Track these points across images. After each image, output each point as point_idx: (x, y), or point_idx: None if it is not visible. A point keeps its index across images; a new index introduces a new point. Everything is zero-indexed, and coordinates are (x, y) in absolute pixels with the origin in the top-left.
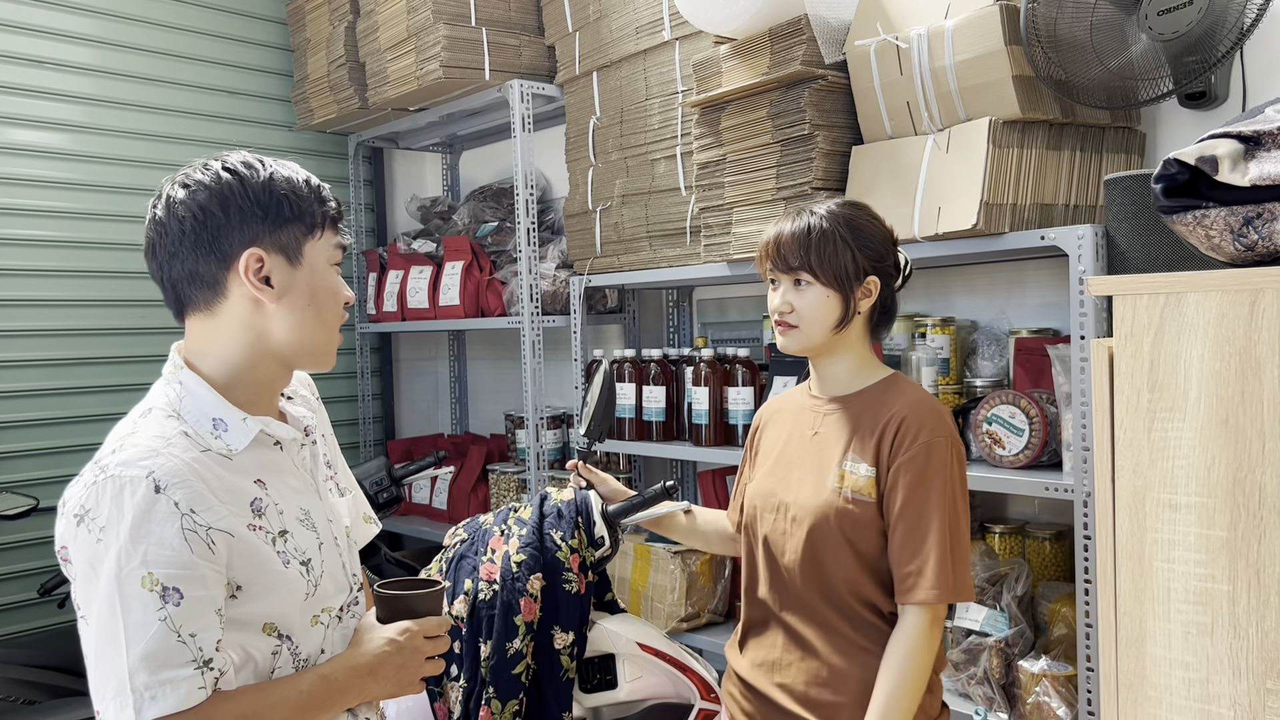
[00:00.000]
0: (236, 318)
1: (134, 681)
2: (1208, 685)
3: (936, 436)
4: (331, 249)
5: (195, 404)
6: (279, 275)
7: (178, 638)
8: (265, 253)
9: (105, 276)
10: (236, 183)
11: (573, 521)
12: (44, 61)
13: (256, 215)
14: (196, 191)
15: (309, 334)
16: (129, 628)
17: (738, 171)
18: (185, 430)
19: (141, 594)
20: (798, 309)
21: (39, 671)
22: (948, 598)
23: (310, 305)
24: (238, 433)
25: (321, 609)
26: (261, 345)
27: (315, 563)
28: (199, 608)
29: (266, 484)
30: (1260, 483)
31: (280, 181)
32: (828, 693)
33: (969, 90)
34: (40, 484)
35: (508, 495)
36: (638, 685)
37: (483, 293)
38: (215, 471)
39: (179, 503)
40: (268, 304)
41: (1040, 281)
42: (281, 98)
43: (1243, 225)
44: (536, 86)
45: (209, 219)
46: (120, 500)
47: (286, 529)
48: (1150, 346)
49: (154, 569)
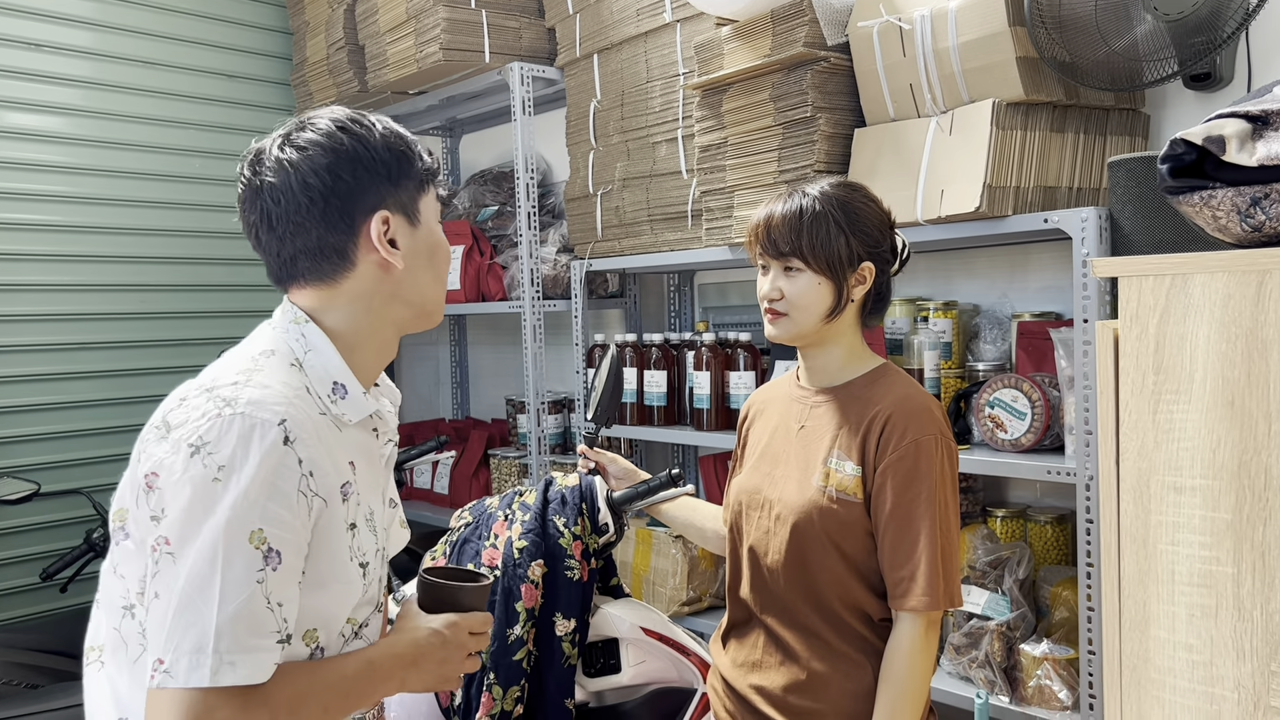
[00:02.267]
0: (362, 288)
1: (219, 643)
2: (1212, 668)
3: (924, 434)
4: (436, 203)
5: (320, 361)
6: (403, 236)
7: (267, 604)
8: (390, 214)
9: (106, 261)
10: (357, 142)
11: (576, 508)
12: (43, 45)
13: (380, 175)
14: (314, 154)
15: (431, 293)
16: (225, 583)
17: (739, 154)
18: (307, 385)
19: (247, 550)
20: (788, 296)
21: (42, 656)
22: (939, 604)
23: (431, 263)
24: (356, 403)
25: (346, 620)
26: (384, 314)
27: (372, 568)
28: (290, 577)
29: (357, 468)
30: (1266, 465)
31: (392, 137)
32: (807, 699)
33: (972, 72)
34: (41, 469)
35: (509, 480)
36: (640, 669)
37: (483, 277)
38: (331, 439)
39: (303, 460)
40: (396, 267)
41: (1043, 265)
42: (281, 81)
43: (1250, 206)
44: (537, 69)
45: (339, 184)
46: (249, 442)
47: (357, 523)
48: (1156, 328)
49: (266, 526)
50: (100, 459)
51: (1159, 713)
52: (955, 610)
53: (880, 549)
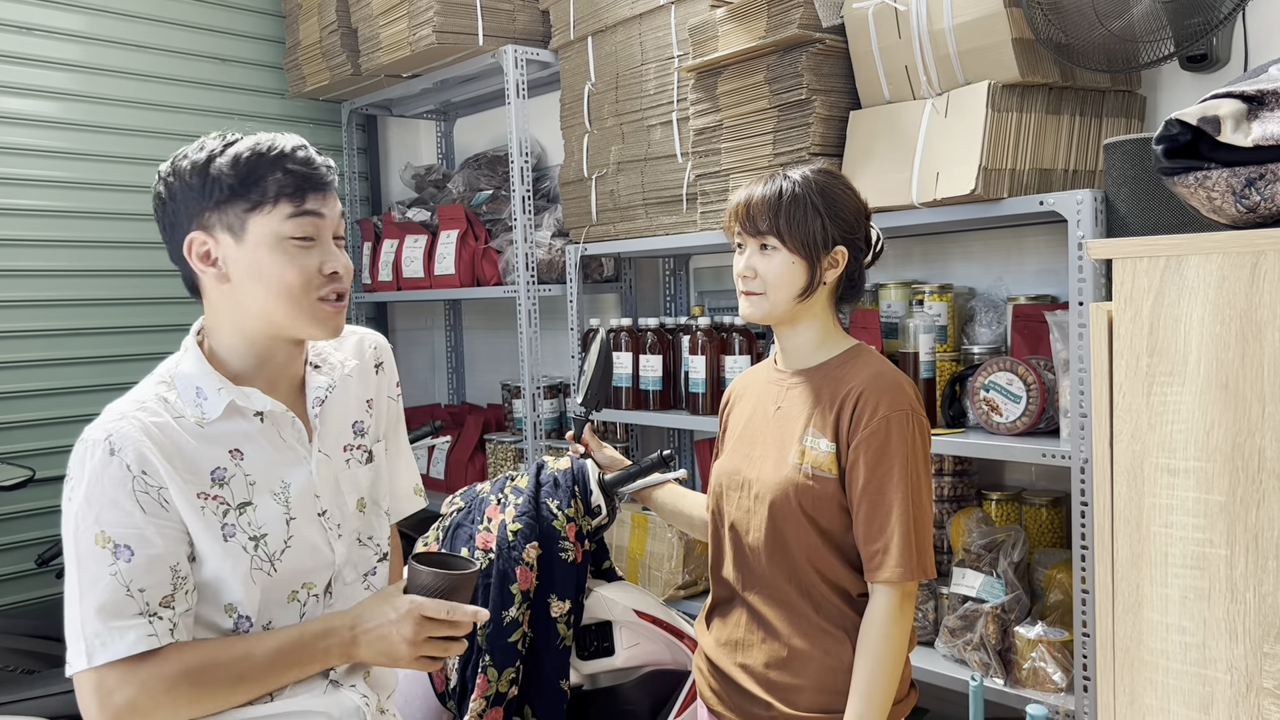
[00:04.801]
0: (213, 299)
1: (85, 629)
2: (1205, 649)
3: (895, 410)
4: (286, 222)
5: (185, 371)
6: (226, 254)
7: (127, 592)
8: (209, 234)
9: (100, 246)
10: (186, 166)
11: (569, 490)
12: (34, 29)
13: (193, 196)
14: (164, 177)
15: (272, 309)
16: (83, 581)
17: (734, 137)
18: (167, 396)
19: (95, 550)
20: (762, 274)
21: (37, 641)
22: (913, 575)
23: (258, 282)
24: (213, 402)
25: (301, 584)
26: (243, 322)
27: (275, 537)
28: (149, 565)
29: (243, 454)
30: (1260, 447)
31: (225, 159)
32: (787, 675)
33: (968, 53)
34: (36, 455)
35: (505, 464)
36: (634, 652)
37: (478, 262)
38: (180, 438)
39: (130, 465)
40: (222, 284)
41: (1038, 247)
42: (274, 65)
43: (1245, 186)
44: (531, 52)
45: (166, 206)
46: (83, 462)
47: (252, 500)
48: (1150, 310)
49: (106, 528)
50: None
51: (1152, 694)
52: (951, 593)
53: (855, 523)
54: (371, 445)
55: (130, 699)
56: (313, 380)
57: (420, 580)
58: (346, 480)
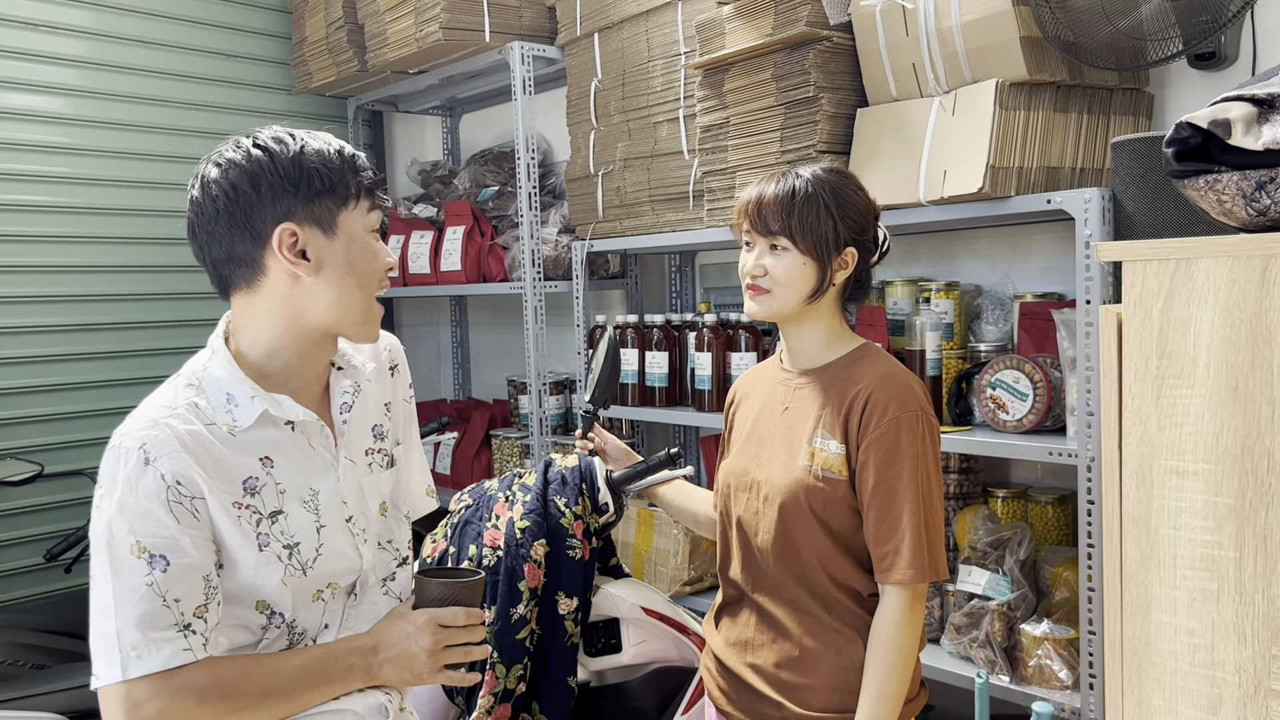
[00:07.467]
0: (276, 294)
1: (121, 641)
2: (1213, 651)
3: (905, 411)
4: (368, 216)
5: (214, 376)
6: (315, 248)
7: (163, 602)
8: (299, 226)
9: (107, 242)
10: (267, 159)
11: (576, 488)
12: (40, 24)
13: (288, 190)
14: (228, 170)
15: (349, 304)
16: (118, 591)
17: (741, 135)
18: (198, 401)
19: (130, 560)
20: (772, 273)
21: (46, 636)
22: (924, 576)
23: (349, 274)
24: (245, 410)
25: (327, 585)
26: (301, 320)
27: (307, 545)
28: (183, 574)
29: (274, 462)
30: (1269, 450)
31: (311, 154)
32: (798, 675)
33: (975, 51)
34: (45, 450)
35: (511, 461)
36: (641, 649)
37: (484, 258)
38: (213, 447)
39: (165, 475)
40: (305, 278)
41: (1045, 245)
42: (280, 61)
43: (1255, 190)
44: (537, 48)
45: (241, 197)
46: (116, 469)
47: (283, 509)
48: (1160, 313)
49: (141, 538)
50: (103, 440)
51: (1159, 695)
52: (957, 590)
53: (865, 525)
54: (391, 449)
55: (160, 711)
56: (337, 382)
57: (430, 592)
58: (370, 485)
